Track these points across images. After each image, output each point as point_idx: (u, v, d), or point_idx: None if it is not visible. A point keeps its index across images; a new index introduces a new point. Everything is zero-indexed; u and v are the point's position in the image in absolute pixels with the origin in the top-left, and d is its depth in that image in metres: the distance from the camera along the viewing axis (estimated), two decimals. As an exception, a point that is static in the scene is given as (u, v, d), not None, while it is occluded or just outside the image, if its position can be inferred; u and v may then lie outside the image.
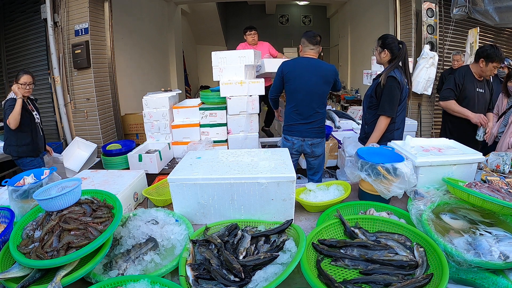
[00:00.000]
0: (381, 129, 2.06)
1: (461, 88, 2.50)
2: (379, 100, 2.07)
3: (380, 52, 2.11)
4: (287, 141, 2.45)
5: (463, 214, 1.14)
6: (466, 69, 2.56)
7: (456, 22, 4.35)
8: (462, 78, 2.51)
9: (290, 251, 0.98)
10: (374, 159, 1.37)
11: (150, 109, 3.15)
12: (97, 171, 1.61)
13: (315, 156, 2.50)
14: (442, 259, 0.87)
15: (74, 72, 4.00)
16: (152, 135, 3.22)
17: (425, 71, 4.08)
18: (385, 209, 1.27)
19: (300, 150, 2.45)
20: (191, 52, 9.26)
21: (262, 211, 1.24)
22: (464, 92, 2.48)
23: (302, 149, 2.45)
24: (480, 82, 2.48)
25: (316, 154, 2.48)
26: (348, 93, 7.39)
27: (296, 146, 2.42)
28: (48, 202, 1.02)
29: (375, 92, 2.10)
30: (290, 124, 2.41)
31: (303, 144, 2.42)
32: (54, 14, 3.85)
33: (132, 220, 1.16)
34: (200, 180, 1.21)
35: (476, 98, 2.45)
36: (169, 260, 1.01)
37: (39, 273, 0.88)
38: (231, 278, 0.87)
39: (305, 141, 2.40)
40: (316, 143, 2.43)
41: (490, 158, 1.68)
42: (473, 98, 2.45)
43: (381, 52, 2.10)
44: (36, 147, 2.85)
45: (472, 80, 2.48)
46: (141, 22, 5.68)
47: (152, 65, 6.21)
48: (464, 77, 2.52)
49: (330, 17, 10.09)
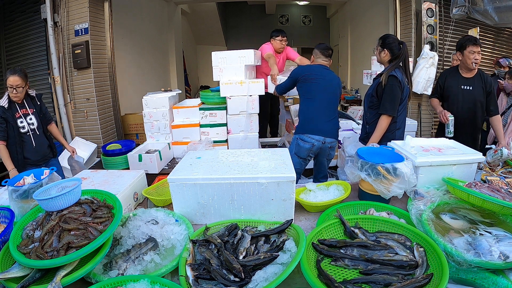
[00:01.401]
0: (383, 128, 2.05)
1: (442, 87, 2.58)
2: (380, 99, 2.07)
3: (380, 52, 2.12)
4: (305, 142, 2.35)
5: (463, 214, 1.14)
6: (452, 69, 2.59)
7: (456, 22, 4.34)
8: (444, 78, 2.60)
9: (290, 251, 0.98)
10: (374, 159, 1.37)
11: (150, 109, 3.15)
12: (97, 171, 1.61)
13: (330, 159, 2.51)
14: (442, 259, 0.87)
15: (74, 72, 4.00)
16: (152, 135, 3.22)
17: (425, 71, 4.07)
18: (385, 209, 1.27)
19: (317, 151, 2.40)
20: (191, 52, 9.25)
21: (262, 211, 1.24)
22: (447, 91, 2.54)
23: (320, 151, 2.41)
24: (468, 79, 2.46)
25: (331, 156, 2.50)
26: (348, 93, 7.39)
27: (315, 147, 2.35)
28: (48, 202, 1.02)
29: (376, 91, 2.10)
30: (312, 122, 2.35)
31: (322, 146, 2.37)
32: (54, 14, 3.84)
33: (132, 220, 1.16)
34: (200, 180, 1.21)
35: (460, 96, 2.46)
36: (169, 260, 1.01)
37: (39, 273, 0.88)
38: (231, 278, 0.87)
39: (326, 142, 2.36)
40: (334, 145, 2.44)
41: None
42: (456, 96, 2.47)
43: (381, 52, 2.11)
44: (22, 161, 2.43)
45: (457, 78, 2.49)
46: (141, 22, 5.68)
47: (152, 65, 6.21)
48: (446, 77, 2.58)
49: (330, 17, 10.09)
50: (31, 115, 2.49)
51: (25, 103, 2.47)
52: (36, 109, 2.54)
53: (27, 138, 2.46)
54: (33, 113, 2.50)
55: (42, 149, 2.56)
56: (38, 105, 2.57)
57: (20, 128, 2.42)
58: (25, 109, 2.46)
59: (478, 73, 2.44)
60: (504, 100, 2.93)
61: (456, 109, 2.48)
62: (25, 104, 2.47)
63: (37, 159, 2.53)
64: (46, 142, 2.61)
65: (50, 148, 2.65)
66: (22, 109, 2.44)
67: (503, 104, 2.94)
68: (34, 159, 2.50)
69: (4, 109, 2.33)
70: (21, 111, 2.43)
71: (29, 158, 2.48)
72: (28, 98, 2.52)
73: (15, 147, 2.41)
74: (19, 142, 2.42)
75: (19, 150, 2.43)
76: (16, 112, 2.40)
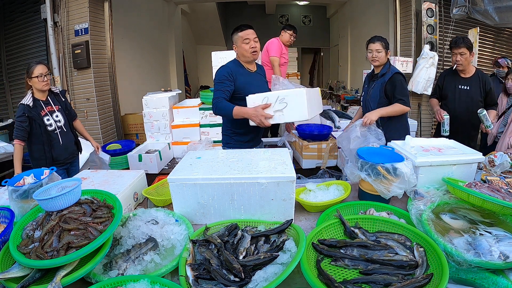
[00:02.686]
0: (396, 110, 2.12)
1: (441, 88, 2.62)
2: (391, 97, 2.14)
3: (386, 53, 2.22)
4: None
5: (463, 214, 1.14)
6: (450, 69, 2.61)
7: (456, 22, 4.35)
8: (443, 78, 2.64)
9: (290, 251, 0.98)
10: (374, 159, 1.37)
11: (150, 109, 3.15)
12: (97, 171, 1.61)
13: None
14: (442, 259, 0.87)
15: (74, 72, 4.00)
16: (152, 135, 3.22)
17: (425, 71, 4.07)
18: (385, 209, 1.27)
19: None
20: (191, 52, 9.25)
21: (262, 211, 1.24)
22: (445, 91, 2.57)
23: None
24: (466, 79, 2.47)
25: None
26: (348, 93, 7.38)
27: None
28: (48, 202, 1.02)
29: (385, 91, 2.16)
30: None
31: None
32: (54, 14, 3.85)
33: (132, 220, 1.16)
34: (200, 180, 1.21)
35: (457, 95, 2.48)
36: (169, 260, 1.01)
37: (39, 273, 0.88)
38: (231, 278, 0.87)
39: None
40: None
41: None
42: (453, 95, 2.49)
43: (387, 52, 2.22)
44: (50, 160, 2.37)
45: (454, 78, 2.51)
46: (141, 22, 5.68)
47: (152, 65, 6.21)
48: (444, 77, 2.62)
49: (330, 17, 10.09)
50: (57, 112, 2.41)
51: (50, 100, 2.39)
52: (62, 106, 2.46)
53: (54, 136, 2.38)
54: (59, 110, 2.43)
55: (70, 146, 2.50)
56: (63, 102, 2.50)
57: (48, 126, 2.34)
58: (51, 106, 2.38)
59: (476, 73, 2.45)
60: (504, 100, 2.93)
61: (454, 109, 2.50)
62: (49, 101, 2.39)
63: (65, 157, 2.47)
64: (73, 139, 2.55)
65: (76, 145, 2.59)
66: (47, 106, 2.36)
67: (503, 104, 2.93)
68: (62, 158, 2.44)
69: (29, 108, 2.25)
70: (47, 108, 2.35)
71: (57, 159, 2.41)
72: (52, 94, 2.44)
73: (43, 146, 2.34)
74: (47, 141, 2.34)
75: (47, 149, 2.35)
76: (41, 110, 2.32)
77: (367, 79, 2.41)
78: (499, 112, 2.94)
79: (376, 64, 2.26)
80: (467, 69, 2.45)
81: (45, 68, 2.28)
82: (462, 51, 2.39)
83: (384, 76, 2.19)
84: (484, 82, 2.41)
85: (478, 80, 2.43)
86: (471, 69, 2.46)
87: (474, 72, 2.45)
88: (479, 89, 2.42)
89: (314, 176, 2.92)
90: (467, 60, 2.41)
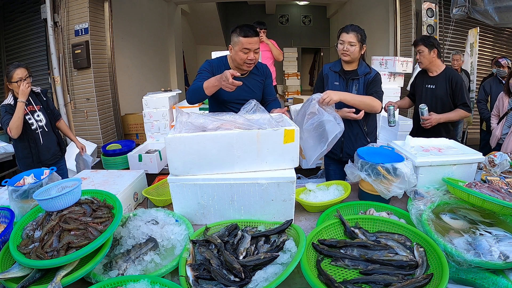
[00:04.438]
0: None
1: (413, 87, 2.62)
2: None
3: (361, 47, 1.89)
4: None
5: (463, 214, 1.14)
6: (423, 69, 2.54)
7: (456, 22, 4.35)
8: (415, 78, 2.63)
9: (290, 251, 0.98)
10: (374, 159, 1.37)
11: (150, 109, 3.15)
12: (97, 171, 1.61)
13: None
14: (442, 259, 0.87)
15: (74, 72, 4.01)
16: (152, 135, 3.22)
17: (425, 71, 4.07)
18: (385, 209, 1.27)
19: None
20: (191, 52, 9.25)
21: (262, 212, 1.24)
22: (416, 91, 2.57)
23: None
24: (432, 78, 2.41)
25: None
26: (348, 93, 7.39)
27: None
28: (48, 202, 1.02)
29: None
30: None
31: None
32: (54, 14, 3.85)
33: (132, 220, 1.16)
34: (200, 180, 1.21)
35: (424, 94, 2.45)
36: (169, 260, 1.01)
37: (39, 273, 0.88)
38: (231, 278, 0.87)
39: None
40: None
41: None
42: (421, 94, 2.48)
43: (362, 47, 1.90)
44: (37, 159, 2.37)
45: (423, 78, 2.49)
46: (141, 22, 5.68)
47: (152, 65, 6.21)
48: (416, 77, 2.62)
49: (330, 17, 10.10)
50: (38, 112, 2.40)
51: (31, 100, 2.38)
52: (43, 105, 2.45)
53: (36, 136, 2.37)
54: (40, 110, 2.41)
55: (52, 146, 2.47)
56: (44, 101, 2.48)
57: (30, 125, 2.33)
58: (32, 106, 2.37)
59: (444, 72, 2.37)
60: (506, 101, 2.89)
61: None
62: (31, 101, 2.37)
63: (47, 158, 2.43)
64: (55, 139, 2.52)
65: (59, 146, 2.56)
66: (28, 106, 2.34)
67: (504, 105, 2.90)
68: (44, 158, 2.41)
69: (11, 106, 2.25)
70: (28, 108, 2.33)
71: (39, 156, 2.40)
72: (33, 94, 2.42)
73: (28, 143, 2.34)
74: (31, 139, 2.34)
75: (32, 145, 2.35)
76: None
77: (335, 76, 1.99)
78: (500, 113, 2.92)
79: (346, 59, 1.89)
80: (434, 67, 2.38)
81: (24, 72, 2.25)
82: (420, 49, 2.34)
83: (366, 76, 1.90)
84: (451, 80, 2.33)
85: (445, 78, 2.35)
86: (439, 67, 2.38)
87: (442, 70, 2.38)
88: (445, 88, 2.35)
89: (314, 176, 2.93)
90: (427, 58, 2.34)
